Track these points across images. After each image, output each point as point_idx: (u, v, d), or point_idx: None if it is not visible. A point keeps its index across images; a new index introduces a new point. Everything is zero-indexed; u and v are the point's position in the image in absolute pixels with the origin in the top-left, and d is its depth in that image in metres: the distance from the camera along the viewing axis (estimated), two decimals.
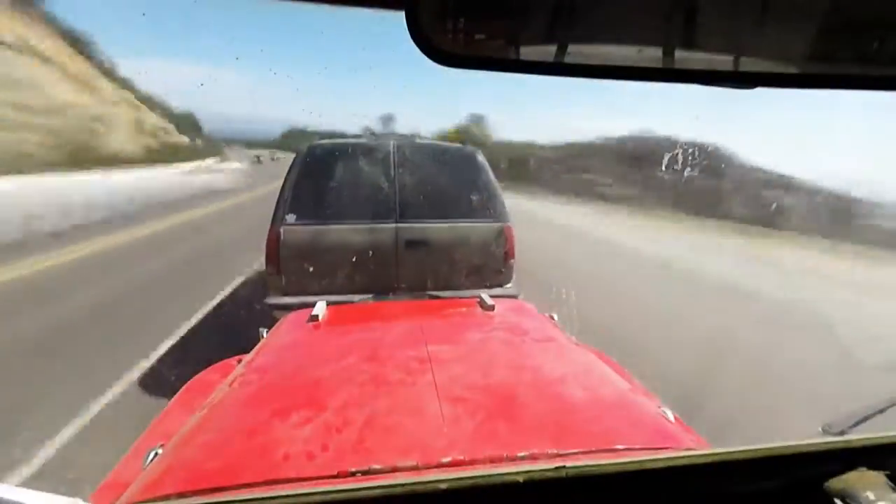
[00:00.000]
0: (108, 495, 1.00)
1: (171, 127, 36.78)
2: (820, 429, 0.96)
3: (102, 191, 15.21)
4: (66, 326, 4.29)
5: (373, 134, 4.87)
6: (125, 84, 33.57)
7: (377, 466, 0.83)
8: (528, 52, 0.47)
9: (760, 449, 0.67)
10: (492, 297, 1.81)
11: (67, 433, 2.72)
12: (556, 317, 1.81)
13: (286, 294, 3.28)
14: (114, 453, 1.26)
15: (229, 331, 3.78)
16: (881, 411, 0.97)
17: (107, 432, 2.70)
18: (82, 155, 22.92)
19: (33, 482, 2.34)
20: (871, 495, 0.63)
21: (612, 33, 0.46)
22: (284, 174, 3.58)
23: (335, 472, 0.82)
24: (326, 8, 0.44)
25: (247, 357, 1.42)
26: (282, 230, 3.30)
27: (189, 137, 39.35)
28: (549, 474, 0.62)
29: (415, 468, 0.84)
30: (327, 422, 0.98)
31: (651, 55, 0.47)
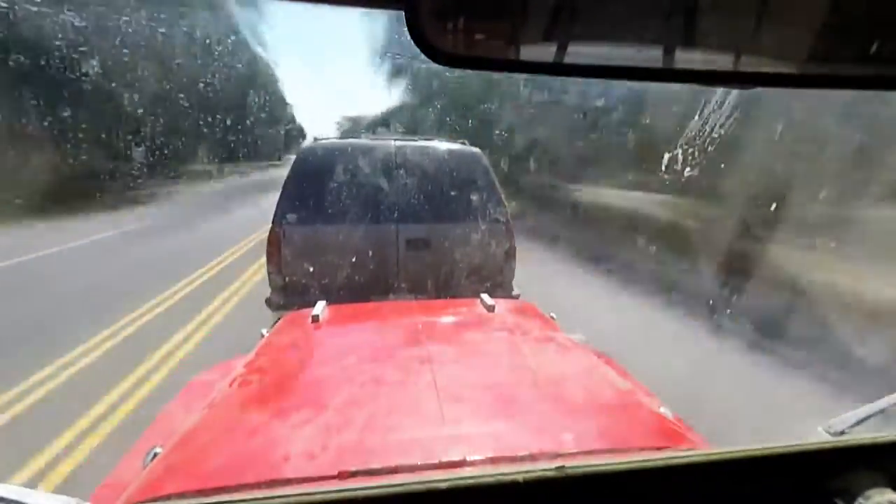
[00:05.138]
0: (108, 495, 1.00)
1: None
2: (820, 429, 0.97)
3: None
4: None
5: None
6: None
7: (377, 466, 0.83)
8: (528, 52, 0.47)
9: (760, 449, 0.67)
10: (493, 296, 1.81)
11: None
12: (556, 317, 1.81)
13: (287, 293, 3.29)
14: None
15: None
16: (881, 411, 0.97)
17: None
18: None
19: None
20: (871, 495, 0.63)
21: (612, 33, 0.46)
22: None
23: (335, 472, 0.82)
24: (326, 8, 0.44)
25: (247, 357, 1.42)
26: (283, 229, 3.31)
27: None
28: (549, 474, 0.62)
29: (415, 468, 0.84)
30: (327, 422, 0.98)
31: (651, 55, 0.47)
